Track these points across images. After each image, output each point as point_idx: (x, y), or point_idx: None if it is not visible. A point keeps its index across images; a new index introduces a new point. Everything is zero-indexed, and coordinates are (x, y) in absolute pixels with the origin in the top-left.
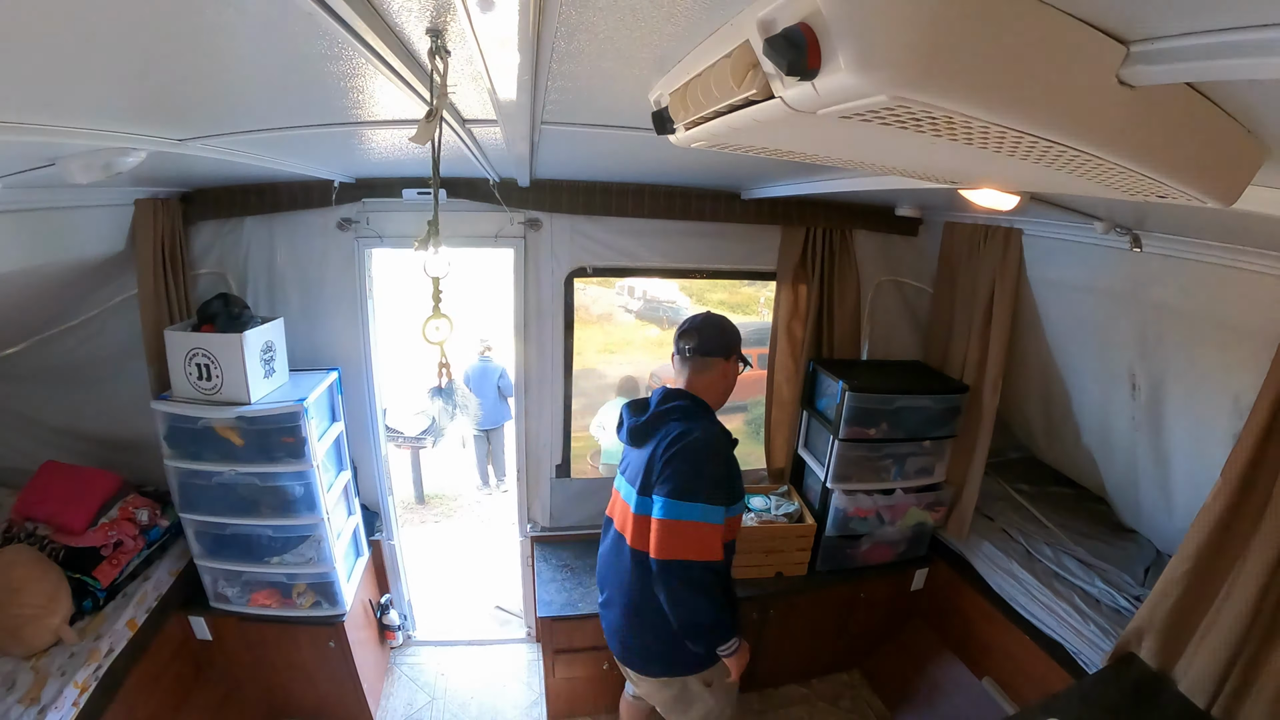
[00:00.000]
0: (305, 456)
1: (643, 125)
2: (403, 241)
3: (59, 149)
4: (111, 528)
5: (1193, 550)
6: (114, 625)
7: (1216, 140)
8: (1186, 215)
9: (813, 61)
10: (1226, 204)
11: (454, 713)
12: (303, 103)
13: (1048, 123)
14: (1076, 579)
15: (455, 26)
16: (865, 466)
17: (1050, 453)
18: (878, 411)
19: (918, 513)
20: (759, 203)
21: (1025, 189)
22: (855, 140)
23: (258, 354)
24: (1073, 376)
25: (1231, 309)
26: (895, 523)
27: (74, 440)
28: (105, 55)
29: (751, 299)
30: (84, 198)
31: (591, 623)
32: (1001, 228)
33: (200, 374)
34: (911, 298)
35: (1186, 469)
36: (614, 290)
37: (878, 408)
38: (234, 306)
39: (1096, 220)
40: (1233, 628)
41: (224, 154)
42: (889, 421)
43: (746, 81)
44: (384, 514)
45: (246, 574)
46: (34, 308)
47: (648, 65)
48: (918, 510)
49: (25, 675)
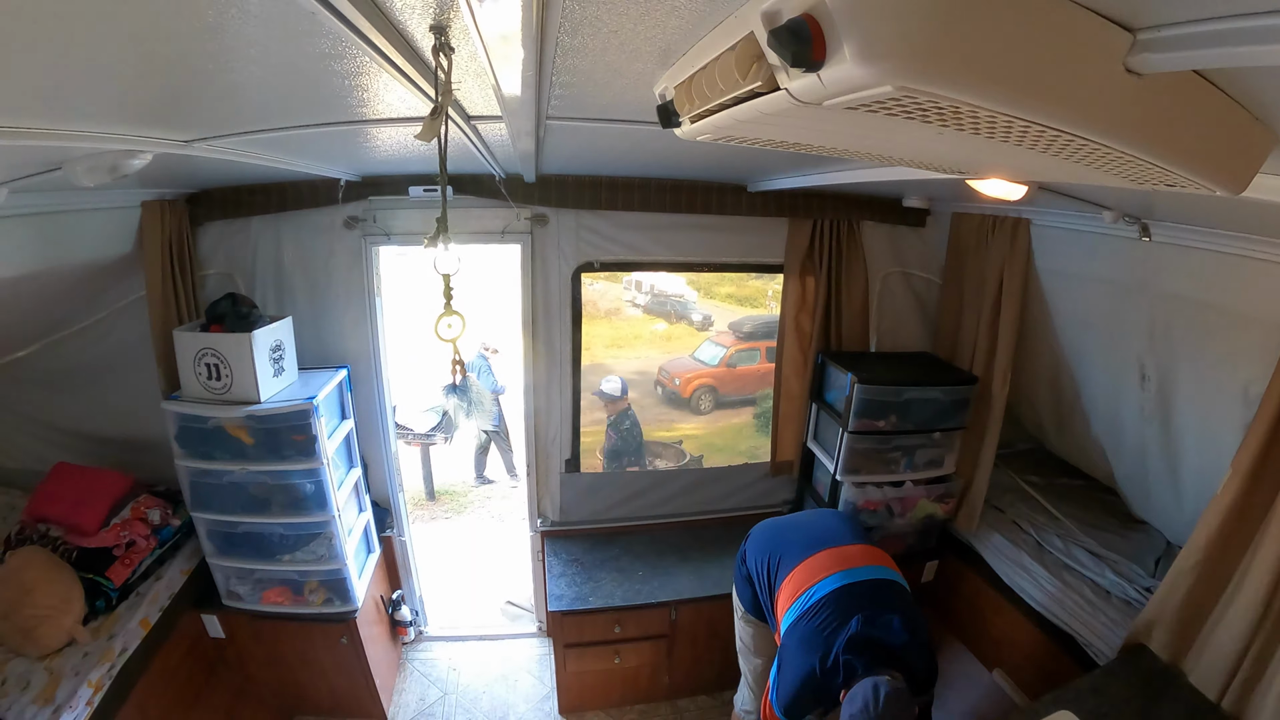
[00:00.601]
0: (316, 454)
1: (648, 119)
2: (410, 239)
3: (65, 152)
4: (123, 528)
5: (1203, 541)
6: (127, 624)
7: (1224, 128)
8: (1195, 204)
9: (818, 53)
10: (1235, 192)
11: (466, 707)
12: (307, 102)
13: (1054, 112)
14: (1087, 570)
15: (459, 23)
16: (875, 459)
17: (1060, 444)
18: (887, 403)
19: (927, 505)
20: (765, 195)
21: (1033, 179)
22: (861, 131)
23: (267, 353)
24: (1082, 367)
25: (1241, 298)
26: (905, 515)
27: (85, 441)
28: (110, 59)
29: (759, 291)
30: (91, 200)
31: (602, 616)
32: (1010, 218)
33: (210, 374)
34: (920, 289)
35: (1196, 459)
36: (621, 285)
37: (887, 400)
38: (242, 306)
39: (1105, 210)
40: (1243, 619)
41: (230, 155)
42: (898, 413)
43: (751, 74)
44: (394, 510)
45: (258, 572)
46: (43, 311)
47: (652, 59)
48: (927, 502)
49: (39, 675)
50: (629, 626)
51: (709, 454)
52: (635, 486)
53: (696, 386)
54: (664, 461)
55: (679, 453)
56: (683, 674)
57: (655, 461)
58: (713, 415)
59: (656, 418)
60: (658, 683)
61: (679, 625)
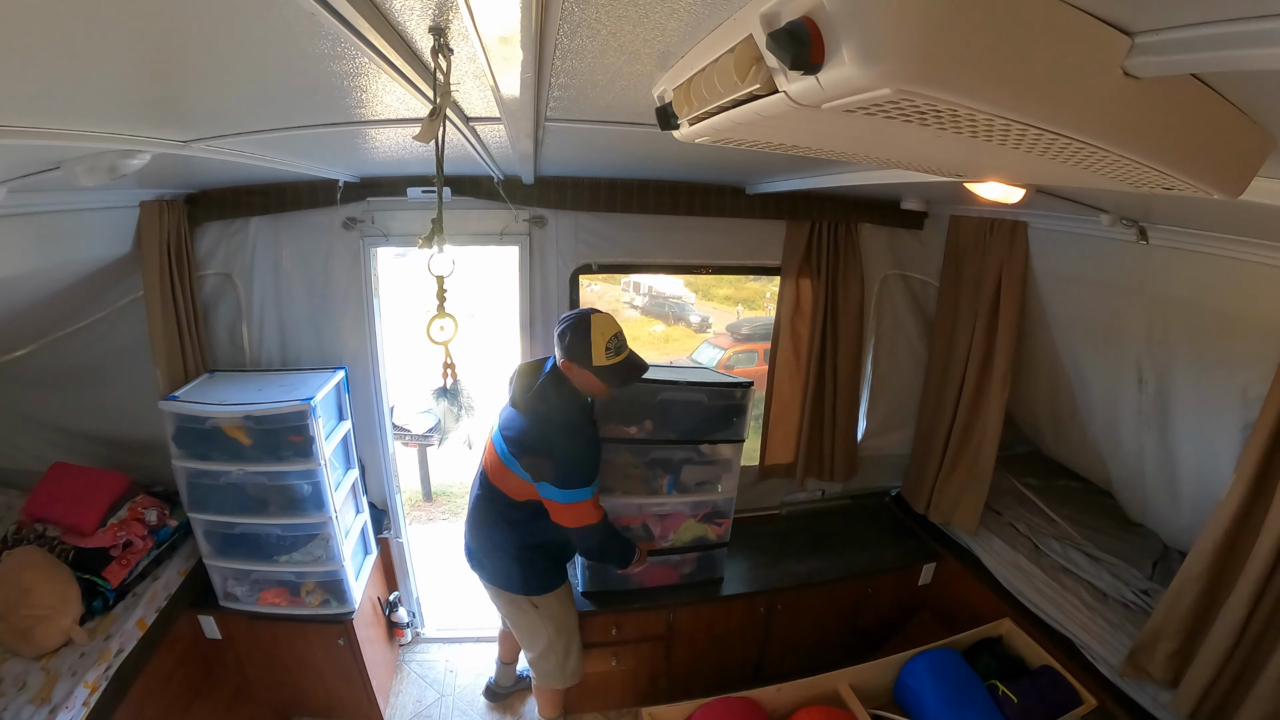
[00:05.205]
0: (313, 455)
1: (647, 121)
2: (408, 240)
3: (63, 152)
4: (120, 528)
5: (1209, 548)
6: (124, 625)
7: (1223, 132)
8: (1193, 207)
9: (816, 55)
10: (1233, 196)
11: (463, 709)
12: (306, 103)
13: (1052, 115)
14: (1084, 573)
15: (458, 24)
16: (629, 473)
17: (1057, 447)
18: (643, 404)
19: (695, 526)
20: (764, 197)
21: (1031, 182)
22: (860, 134)
23: None
24: (1079, 370)
25: (1239, 301)
26: (668, 537)
27: (82, 441)
28: (108, 58)
29: (758, 293)
30: (89, 200)
31: (600, 618)
32: (1008, 220)
33: None
34: (917, 291)
35: (1194, 462)
36: (619, 286)
37: (644, 400)
38: None
39: (1103, 213)
40: (1237, 629)
41: (228, 155)
42: (655, 418)
43: (750, 76)
44: (392, 512)
45: (255, 573)
46: (40, 310)
47: (651, 61)
48: (695, 523)
49: (36, 676)
50: (626, 629)
51: None
52: None
53: None
54: None
55: None
56: (680, 676)
57: None
58: None
59: None
60: (655, 685)
61: (676, 628)
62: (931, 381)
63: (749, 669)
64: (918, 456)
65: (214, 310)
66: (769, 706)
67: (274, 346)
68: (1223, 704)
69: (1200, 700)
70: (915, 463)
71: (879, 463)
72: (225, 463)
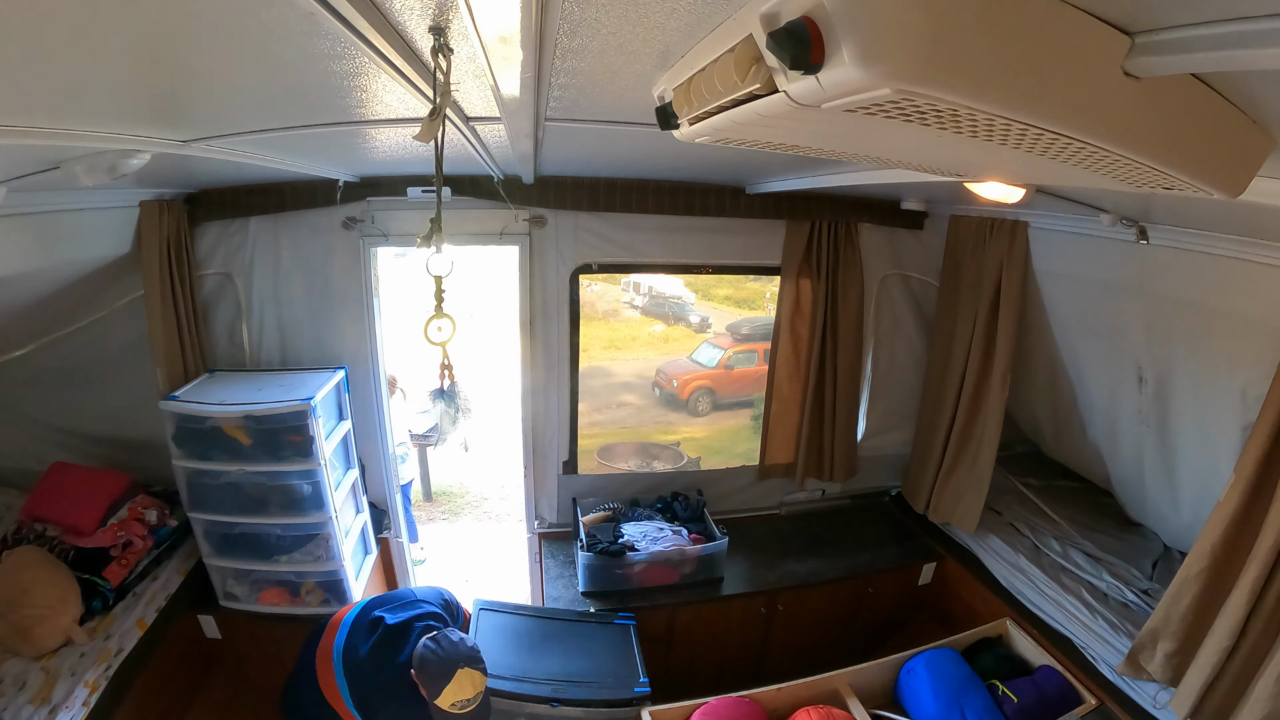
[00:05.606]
0: (313, 455)
1: (647, 121)
2: (408, 240)
3: (64, 152)
4: (120, 528)
5: (1208, 548)
6: (123, 625)
7: (1222, 132)
8: (1193, 207)
9: (816, 55)
10: (1233, 195)
11: None
12: (306, 103)
13: (1052, 115)
14: (1084, 573)
15: (458, 24)
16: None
17: (1057, 447)
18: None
19: None
20: (763, 197)
21: (1031, 182)
22: (860, 134)
23: None
24: (1079, 370)
25: (1238, 301)
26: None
27: (82, 441)
28: (109, 58)
29: (757, 294)
30: (89, 200)
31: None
32: (1007, 220)
33: None
34: (917, 291)
35: (1193, 462)
36: (619, 286)
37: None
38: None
39: (1103, 213)
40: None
41: (228, 155)
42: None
43: (750, 76)
44: (391, 512)
45: (255, 573)
46: (41, 310)
47: (651, 61)
48: None
49: (36, 675)
50: None
51: (706, 456)
52: (633, 489)
53: (694, 388)
54: (661, 463)
55: (676, 454)
56: (680, 676)
57: (653, 463)
58: (711, 417)
59: (654, 419)
60: (655, 685)
61: (676, 628)
62: (931, 381)
63: (749, 669)
64: (917, 456)
65: (214, 310)
66: (769, 706)
67: (274, 346)
68: (1222, 703)
69: (1200, 700)
70: (915, 462)
71: (879, 463)
72: (225, 462)
